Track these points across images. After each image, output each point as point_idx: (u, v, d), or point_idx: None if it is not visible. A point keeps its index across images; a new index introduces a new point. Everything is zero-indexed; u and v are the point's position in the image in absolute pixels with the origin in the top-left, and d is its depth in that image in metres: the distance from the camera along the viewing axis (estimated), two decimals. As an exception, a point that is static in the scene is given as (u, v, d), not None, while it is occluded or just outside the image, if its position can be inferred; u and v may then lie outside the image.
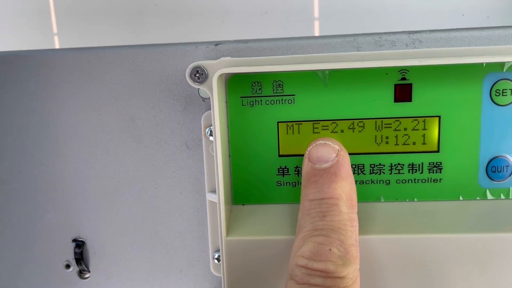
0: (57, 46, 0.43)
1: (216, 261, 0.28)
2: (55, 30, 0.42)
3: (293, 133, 0.26)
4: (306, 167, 0.24)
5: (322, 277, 0.20)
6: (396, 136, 0.25)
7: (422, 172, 0.25)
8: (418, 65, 0.23)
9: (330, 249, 0.21)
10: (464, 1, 0.39)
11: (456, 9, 0.39)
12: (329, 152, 0.23)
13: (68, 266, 0.31)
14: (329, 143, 0.24)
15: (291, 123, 0.25)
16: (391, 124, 0.25)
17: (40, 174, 0.30)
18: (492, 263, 0.24)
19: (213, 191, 0.27)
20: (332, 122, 0.25)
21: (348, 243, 0.21)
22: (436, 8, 0.39)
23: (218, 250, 0.28)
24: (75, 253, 0.30)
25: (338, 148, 0.23)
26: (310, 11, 0.41)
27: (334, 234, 0.21)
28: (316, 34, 0.41)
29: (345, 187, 0.23)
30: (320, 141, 0.24)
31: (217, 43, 0.27)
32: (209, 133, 0.27)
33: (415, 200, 0.26)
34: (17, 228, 0.31)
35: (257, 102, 0.25)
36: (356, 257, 0.21)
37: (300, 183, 0.26)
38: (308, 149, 0.24)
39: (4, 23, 0.45)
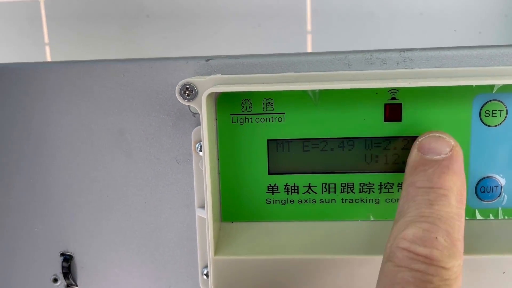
0: (48, 56, 0.43)
1: (205, 276, 0.28)
2: (46, 40, 0.42)
3: (283, 151, 0.25)
4: (414, 156, 0.22)
5: (425, 264, 0.19)
6: (386, 155, 0.25)
7: (411, 192, 0.25)
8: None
9: (436, 237, 0.19)
10: (456, 17, 0.39)
11: (448, 24, 0.39)
12: (443, 145, 0.22)
13: (55, 280, 0.30)
14: (444, 136, 0.22)
15: (281, 141, 0.25)
16: (380, 143, 0.25)
17: (28, 187, 0.29)
18: (480, 285, 0.24)
19: (203, 206, 0.27)
20: (322, 141, 0.25)
21: (455, 236, 0.20)
22: (429, 22, 0.39)
23: (206, 266, 0.28)
24: (63, 267, 0.30)
25: (453, 143, 0.22)
26: (303, 24, 0.41)
27: (441, 224, 0.19)
28: (309, 47, 0.41)
29: (456, 181, 0.21)
30: (434, 134, 0.23)
31: (208, 59, 0.27)
32: (199, 148, 0.27)
33: (404, 219, 0.26)
34: (4, 242, 0.30)
35: (247, 119, 0.25)
36: (461, 253, 0.20)
37: (290, 201, 0.26)
38: (419, 139, 0.23)
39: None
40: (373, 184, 0.25)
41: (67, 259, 0.30)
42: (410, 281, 0.19)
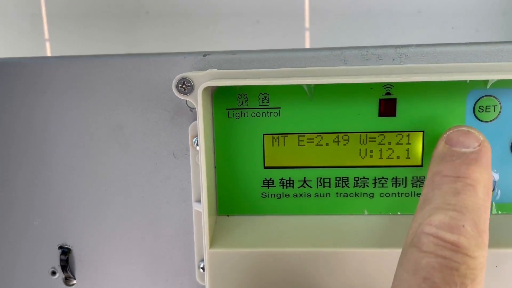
0: (48, 52, 0.43)
1: (201, 270, 0.28)
2: (46, 36, 0.42)
3: (278, 145, 0.26)
4: (441, 148, 0.22)
5: (452, 251, 0.18)
6: (381, 150, 0.25)
7: (405, 186, 0.26)
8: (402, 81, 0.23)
9: (463, 225, 0.18)
10: (454, 15, 0.39)
11: (446, 22, 0.39)
12: (472, 139, 0.21)
13: (54, 273, 0.31)
14: (473, 131, 0.22)
15: (276, 136, 0.26)
16: (375, 138, 0.25)
17: (27, 181, 0.30)
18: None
19: (199, 200, 0.27)
20: (317, 135, 0.25)
21: (481, 228, 0.19)
22: (426, 20, 0.39)
23: (203, 260, 0.28)
24: (61, 260, 0.30)
25: (482, 138, 0.22)
26: (301, 21, 0.41)
27: (468, 213, 0.19)
28: (307, 44, 0.41)
29: (484, 174, 0.20)
30: (463, 128, 0.22)
31: (205, 54, 0.27)
32: (196, 143, 0.27)
33: (399, 213, 0.26)
34: (3, 235, 0.31)
35: (243, 114, 0.26)
36: (487, 245, 0.19)
37: (285, 195, 0.26)
38: (448, 132, 0.22)
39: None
40: (368, 179, 0.26)
41: (65, 252, 0.30)
42: (436, 267, 0.18)
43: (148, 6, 0.42)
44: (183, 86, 0.24)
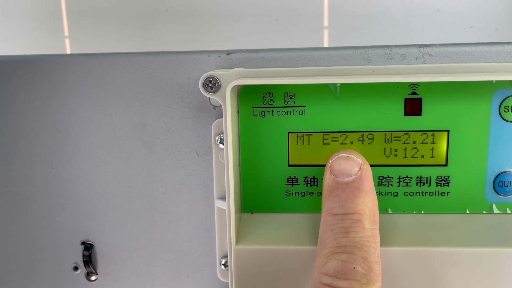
0: (68, 49, 0.43)
1: (223, 266, 0.28)
2: (66, 33, 0.42)
3: (303, 144, 0.26)
4: (328, 180, 0.23)
5: None
6: (405, 149, 0.25)
7: (429, 185, 0.26)
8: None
9: (354, 267, 0.21)
10: (473, 14, 0.39)
11: (465, 21, 0.39)
12: (352, 165, 0.23)
13: (76, 268, 0.31)
14: (352, 156, 0.23)
15: (301, 134, 0.26)
16: (400, 137, 0.25)
17: (51, 177, 0.30)
18: (497, 278, 0.24)
19: (222, 197, 0.27)
20: (342, 134, 0.26)
21: (371, 260, 0.21)
22: (445, 19, 0.39)
23: (225, 256, 0.28)
24: (84, 256, 0.30)
25: (361, 161, 0.23)
26: (320, 19, 0.41)
27: (357, 252, 0.21)
28: (325, 42, 0.42)
29: (368, 202, 0.23)
30: (343, 154, 0.24)
31: (229, 52, 0.27)
32: (219, 141, 0.27)
33: (422, 212, 0.26)
34: (27, 230, 0.31)
35: (268, 112, 0.26)
36: (378, 274, 0.21)
37: (309, 193, 0.26)
38: (330, 161, 0.24)
39: (16, 25, 0.45)
40: (392, 178, 0.26)
41: (88, 247, 0.30)
42: None
43: (168, 4, 0.42)
44: (210, 85, 0.25)
